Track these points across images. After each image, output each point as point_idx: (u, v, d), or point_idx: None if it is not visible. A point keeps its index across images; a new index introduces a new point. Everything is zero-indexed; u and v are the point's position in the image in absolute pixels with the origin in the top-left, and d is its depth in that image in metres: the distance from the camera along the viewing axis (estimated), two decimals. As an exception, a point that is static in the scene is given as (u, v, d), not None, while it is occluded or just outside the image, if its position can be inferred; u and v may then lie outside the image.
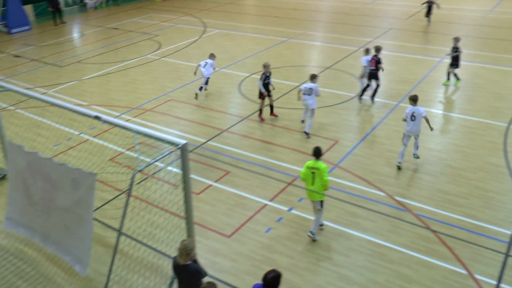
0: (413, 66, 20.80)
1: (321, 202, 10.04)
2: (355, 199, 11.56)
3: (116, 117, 16.06)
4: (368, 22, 29.22)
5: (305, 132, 14.73)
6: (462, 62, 18.61)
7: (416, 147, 12.99)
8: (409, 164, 13.07)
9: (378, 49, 16.78)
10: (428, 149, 13.91)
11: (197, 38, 26.38)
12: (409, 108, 12.70)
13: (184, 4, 36.82)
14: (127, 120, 15.77)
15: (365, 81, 17.26)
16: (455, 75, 18.53)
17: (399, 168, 12.84)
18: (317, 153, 9.99)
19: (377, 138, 14.64)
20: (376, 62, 16.49)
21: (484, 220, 10.71)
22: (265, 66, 15.57)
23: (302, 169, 10.12)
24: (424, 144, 14.12)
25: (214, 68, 18.19)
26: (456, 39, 18.12)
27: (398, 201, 11.46)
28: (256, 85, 18.12)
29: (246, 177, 12.57)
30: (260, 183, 12.26)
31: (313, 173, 9.84)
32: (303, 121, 15.38)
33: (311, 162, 9.97)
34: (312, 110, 14.68)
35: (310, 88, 14.55)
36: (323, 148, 13.67)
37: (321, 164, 9.84)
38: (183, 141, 8.15)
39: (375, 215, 10.93)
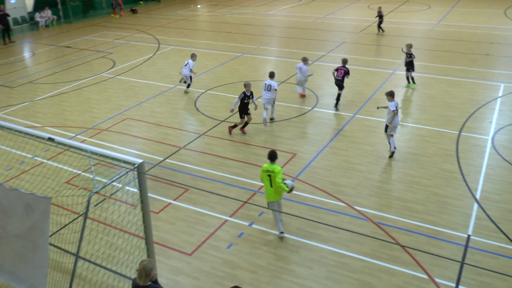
0: (367, 79, 21.29)
1: (280, 199, 10.64)
2: (316, 211, 11.66)
3: (71, 138, 15.75)
4: (321, 36, 29.79)
5: (271, 119, 16.75)
6: (412, 74, 19.53)
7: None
8: (368, 174, 13.31)
9: (345, 61, 18.17)
10: (385, 158, 14.22)
11: (151, 55, 26.25)
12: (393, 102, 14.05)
13: (137, 21, 36.62)
14: (83, 141, 15.49)
15: (300, 88, 18.87)
16: (412, 78, 20.19)
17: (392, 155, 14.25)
18: (272, 156, 10.52)
19: (334, 149, 14.86)
20: (345, 73, 17.77)
21: (441, 225, 11.00)
22: (246, 85, 15.62)
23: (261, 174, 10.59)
24: (381, 153, 14.45)
25: (191, 70, 19.49)
26: (409, 46, 19.88)
27: (358, 211, 11.63)
28: (212, 101, 18.20)
29: (205, 193, 12.50)
30: (219, 199, 12.21)
31: (269, 175, 10.31)
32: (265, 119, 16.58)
33: (266, 165, 10.47)
34: (273, 102, 16.63)
35: (269, 85, 16.17)
36: (282, 162, 13.87)
37: (276, 167, 10.34)
38: (139, 160, 8.07)
39: (337, 225, 11.03)
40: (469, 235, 10.62)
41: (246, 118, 15.92)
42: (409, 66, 19.95)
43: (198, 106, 18.61)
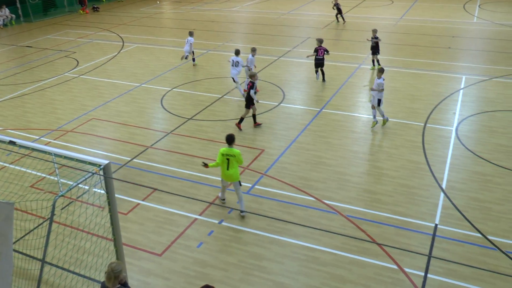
0: (333, 73, 21.48)
1: (239, 181, 11.20)
2: (285, 206, 11.71)
3: (34, 140, 15.41)
4: (286, 32, 29.91)
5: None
6: (378, 57, 20.03)
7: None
8: (336, 167, 13.45)
9: (321, 41, 20.21)
10: (353, 151, 14.39)
11: (115, 53, 25.89)
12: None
13: (100, 19, 36.05)
14: (47, 143, 15.17)
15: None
16: (378, 61, 21.97)
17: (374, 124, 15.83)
18: (230, 140, 11.04)
19: (302, 144, 14.95)
20: (325, 51, 19.77)
21: (409, 215, 11.21)
22: (253, 75, 15.79)
23: (217, 160, 11.00)
24: (348, 147, 14.62)
25: (190, 44, 21.93)
26: (374, 31, 21.73)
27: (327, 204, 11.73)
28: (179, 99, 18.10)
29: (174, 192, 12.41)
30: (188, 198, 12.13)
31: (227, 159, 10.88)
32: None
33: (225, 149, 10.98)
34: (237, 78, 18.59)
35: (237, 61, 18.30)
36: (250, 158, 13.90)
37: (235, 150, 10.95)
38: (106, 161, 7.96)
39: (306, 221, 11.11)
40: (436, 224, 10.85)
41: (251, 109, 16.01)
42: (375, 49, 21.74)
43: (164, 104, 18.45)
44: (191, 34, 22.18)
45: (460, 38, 27.23)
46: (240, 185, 11.24)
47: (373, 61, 22.08)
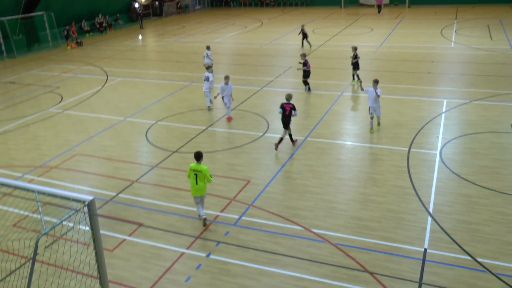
0: (316, 101, 21.66)
1: (205, 195, 12.24)
2: (273, 236, 11.61)
3: (17, 178, 15.21)
4: (268, 61, 30.23)
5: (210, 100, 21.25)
6: (359, 95, 20.12)
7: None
8: (323, 195, 13.42)
9: (304, 55, 23.36)
10: (338, 179, 14.40)
11: (99, 87, 25.88)
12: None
13: (84, 54, 36.16)
14: (31, 181, 14.98)
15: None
16: (358, 75, 23.68)
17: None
18: (198, 156, 11.98)
19: (288, 173, 14.93)
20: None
21: (398, 240, 11.17)
22: (289, 96, 16.62)
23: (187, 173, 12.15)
24: (334, 174, 14.64)
25: (209, 57, 25.69)
26: (354, 48, 23.79)
27: (315, 233, 11.66)
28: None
29: (161, 227, 12.26)
30: (175, 232, 11.99)
31: (195, 174, 11.80)
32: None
33: (194, 165, 11.94)
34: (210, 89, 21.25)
35: (207, 76, 20.98)
36: (236, 189, 13.84)
37: (203, 167, 11.86)
38: (90, 197, 7.83)
39: (294, 251, 11.02)
40: (425, 249, 10.81)
41: (288, 130, 16.71)
42: (356, 66, 23.75)
43: (149, 137, 18.39)
44: (208, 48, 26.09)
45: (439, 63, 27.73)
46: (203, 200, 12.25)
47: (353, 75, 24.16)
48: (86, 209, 7.86)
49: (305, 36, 34.15)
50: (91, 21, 46.25)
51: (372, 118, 17.71)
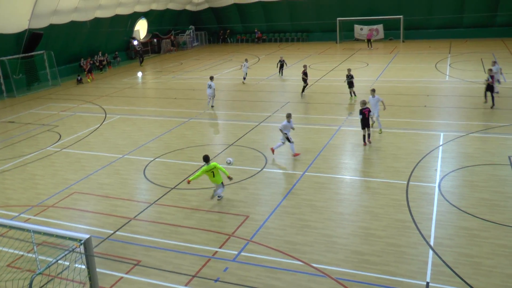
0: (314, 136, 21.72)
1: (222, 183, 15.30)
2: (273, 272, 11.46)
3: (13, 218, 15.07)
4: (265, 97, 30.45)
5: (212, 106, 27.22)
6: (357, 129, 20.21)
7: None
8: (322, 230, 13.31)
9: (304, 66, 29.31)
10: (338, 213, 14.31)
11: (98, 125, 25.95)
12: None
13: (83, 92, 36.41)
14: (27, 220, 14.86)
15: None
16: (354, 92, 28.33)
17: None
18: (207, 158, 15.05)
19: (287, 208, 14.85)
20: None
21: (399, 274, 11.03)
22: (364, 102, 20.02)
23: (197, 173, 14.91)
24: (333, 209, 14.57)
25: (211, 87, 27.64)
26: (349, 70, 28.30)
27: (316, 268, 11.51)
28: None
29: (158, 264, 12.10)
30: (173, 268, 11.84)
31: (212, 172, 14.82)
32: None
33: (205, 167, 14.87)
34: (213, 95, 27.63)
35: (210, 84, 27.05)
36: (235, 225, 13.75)
37: (215, 164, 14.92)
38: (86, 236, 7.78)
39: (295, 286, 10.85)
40: (427, 283, 10.66)
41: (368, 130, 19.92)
42: (351, 84, 28.16)
43: (147, 174, 18.34)
44: (211, 79, 28.11)
45: (435, 96, 27.97)
46: (223, 186, 15.40)
47: (350, 93, 28.54)
48: (82, 248, 7.78)
49: (282, 66, 37.46)
50: (91, 59, 46.75)
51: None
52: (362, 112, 19.85)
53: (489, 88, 24.73)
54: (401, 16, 53.25)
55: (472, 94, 27.79)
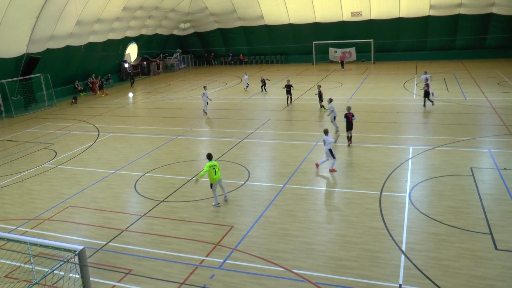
0: (293, 151, 21.76)
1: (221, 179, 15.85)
2: (256, 278, 11.37)
3: (11, 231, 14.78)
4: (247, 115, 30.47)
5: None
6: (333, 144, 20.18)
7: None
8: (302, 238, 13.28)
9: (288, 80, 31.89)
10: (316, 222, 14.30)
11: (91, 143, 25.67)
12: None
13: (77, 112, 36.05)
14: (24, 233, 14.58)
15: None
16: (323, 106, 30.15)
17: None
18: (210, 156, 15.88)
19: (269, 218, 14.79)
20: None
21: (374, 278, 11.03)
22: (349, 107, 22.04)
23: (203, 170, 15.33)
24: (312, 218, 14.56)
25: (206, 96, 30.97)
26: (319, 86, 30.99)
27: (297, 274, 11.45)
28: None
29: (149, 273, 11.93)
30: (163, 276, 11.68)
31: (214, 168, 15.41)
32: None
33: (210, 162, 15.48)
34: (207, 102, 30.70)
35: (203, 92, 30.26)
36: (220, 235, 13.65)
37: (215, 162, 15.71)
38: (80, 247, 7.65)
39: (278, 291, 10.78)
40: (400, 285, 10.68)
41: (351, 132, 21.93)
42: (320, 98, 30.58)
43: (137, 188, 18.16)
44: (205, 88, 31.43)
45: (404, 113, 28.28)
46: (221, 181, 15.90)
47: (320, 106, 30.72)
48: (76, 258, 7.65)
49: (264, 84, 39.66)
50: (84, 81, 46.50)
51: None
52: (346, 115, 22.01)
53: (426, 94, 29.19)
54: (371, 40, 54.03)
55: (438, 111, 28.18)
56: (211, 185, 15.74)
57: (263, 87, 39.63)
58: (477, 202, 14.97)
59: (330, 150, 18.53)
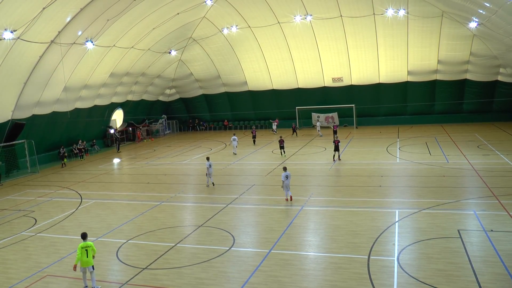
0: (278, 216, 21.43)
1: (92, 266, 14.53)
2: None
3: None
4: (232, 180, 30.24)
5: None
6: (318, 208, 19.98)
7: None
8: (289, 306, 12.76)
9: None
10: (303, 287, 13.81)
11: (73, 210, 25.03)
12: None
13: (60, 178, 35.46)
14: (-7, 305, 13.76)
15: None
16: (283, 151, 37.39)
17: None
18: (84, 236, 14.85)
19: (254, 285, 14.27)
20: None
21: None
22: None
23: (77, 253, 14.32)
24: (299, 284, 14.10)
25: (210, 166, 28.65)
26: (280, 136, 37.59)
27: None
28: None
29: None
30: None
31: (86, 250, 14.38)
32: None
33: (82, 243, 14.48)
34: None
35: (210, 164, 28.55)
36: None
37: (90, 243, 14.66)
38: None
39: None
40: None
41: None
42: (281, 144, 37.18)
43: (119, 256, 17.52)
44: (208, 159, 28.84)
45: (388, 177, 28.35)
46: (93, 269, 14.55)
47: (281, 152, 37.52)
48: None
49: (254, 138, 46.02)
50: (69, 147, 46.05)
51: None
52: (334, 141, 32.99)
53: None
54: (353, 105, 55.22)
55: (421, 174, 28.33)
56: (81, 268, 14.59)
57: (254, 139, 46.65)
58: (467, 265, 14.68)
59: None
